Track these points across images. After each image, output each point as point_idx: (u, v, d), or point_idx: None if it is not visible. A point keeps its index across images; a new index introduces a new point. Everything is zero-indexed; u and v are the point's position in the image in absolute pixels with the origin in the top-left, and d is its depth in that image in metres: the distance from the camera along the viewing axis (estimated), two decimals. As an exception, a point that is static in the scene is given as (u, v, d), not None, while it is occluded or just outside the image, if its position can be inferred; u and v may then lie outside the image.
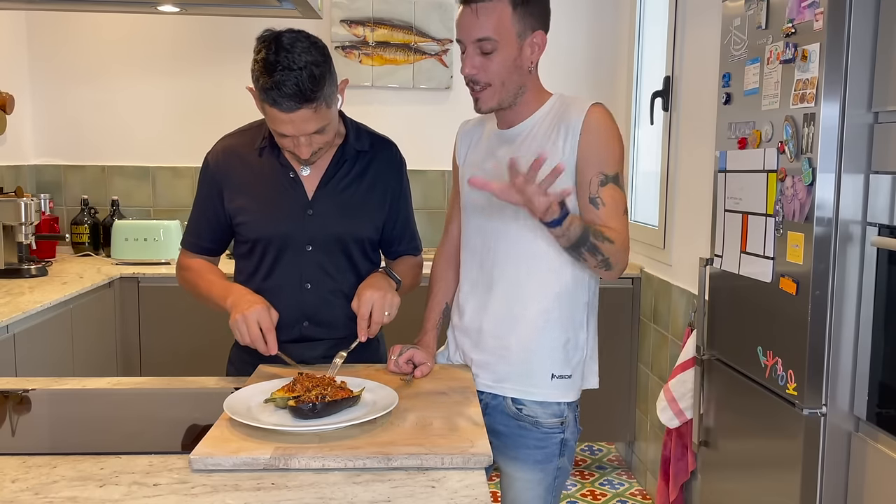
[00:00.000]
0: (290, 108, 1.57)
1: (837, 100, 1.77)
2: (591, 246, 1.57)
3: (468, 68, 1.64)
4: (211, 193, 1.82)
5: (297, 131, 1.62)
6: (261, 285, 1.80)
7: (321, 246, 1.79)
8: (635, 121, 3.71)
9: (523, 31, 1.62)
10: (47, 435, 1.49)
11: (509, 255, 1.69)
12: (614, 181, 1.63)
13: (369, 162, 1.83)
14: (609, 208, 1.62)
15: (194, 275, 1.84)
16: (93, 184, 3.94)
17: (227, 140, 1.85)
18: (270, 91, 1.56)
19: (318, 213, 1.78)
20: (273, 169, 1.78)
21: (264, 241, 1.79)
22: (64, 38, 3.87)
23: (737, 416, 2.24)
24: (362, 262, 1.85)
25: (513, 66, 1.63)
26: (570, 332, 1.70)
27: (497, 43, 1.60)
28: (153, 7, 2.97)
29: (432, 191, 4.00)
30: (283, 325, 1.71)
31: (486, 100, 1.66)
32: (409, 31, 3.87)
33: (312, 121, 1.61)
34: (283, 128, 1.61)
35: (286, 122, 1.60)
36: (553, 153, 1.62)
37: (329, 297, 1.81)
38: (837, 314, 1.81)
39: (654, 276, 3.30)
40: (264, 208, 1.78)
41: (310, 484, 1.19)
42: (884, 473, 1.71)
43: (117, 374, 3.25)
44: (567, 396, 1.71)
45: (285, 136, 1.64)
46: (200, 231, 1.87)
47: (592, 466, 3.73)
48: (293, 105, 1.57)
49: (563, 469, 1.74)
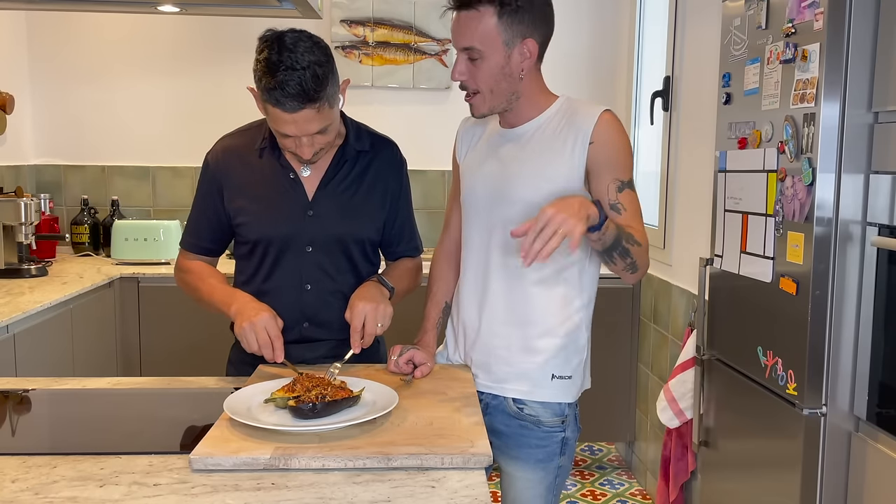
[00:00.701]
0: (293, 109, 1.56)
1: (837, 100, 1.77)
2: (623, 250, 1.58)
3: (456, 74, 1.65)
4: (211, 192, 1.82)
5: (299, 131, 1.61)
6: (261, 286, 1.80)
7: (321, 247, 1.79)
8: (635, 121, 3.71)
9: (511, 40, 1.61)
10: (47, 435, 1.49)
11: (509, 256, 1.69)
12: (629, 186, 1.65)
13: (369, 162, 1.83)
14: (630, 213, 1.64)
15: (194, 277, 1.83)
16: (93, 184, 3.94)
17: (227, 140, 1.84)
18: (273, 91, 1.55)
19: (318, 214, 1.78)
20: (273, 170, 1.78)
21: (265, 242, 1.79)
22: (64, 38, 3.87)
23: (737, 416, 2.24)
24: (362, 262, 1.85)
25: (500, 74, 1.62)
26: (570, 334, 1.70)
27: (481, 52, 1.60)
28: (153, 7, 2.97)
29: (432, 191, 4.00)
30: (284, 327, 1.70)
31: (478, 105, 1.67)
32: (409, 31, 3.88)
33: (315, 121, 1.60)
34: (285, 128, 1.61)
35: (289, 123, 1.59)
36: (561, 153, 1.63)
37: (329, 299, 1.81)
38: (837, 314, 1.81)
39: (654, 276, 3.30)
40: (264, 209, 1.78)
41: (310, 484, 1.19)
42: (884, 473, 1.71)
43: (117, 374, 3.25)
44: (567, 397, 1.71)
45: (287, 136, 1.63)
46: (200, 231, 1.86)
47: (592, 466, 3.73)
48: (296, 105, 1.56)
49: (564, 468, 1.74)
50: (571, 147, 1.62)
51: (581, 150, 1.62)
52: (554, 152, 1.64)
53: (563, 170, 1.63)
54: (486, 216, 1.73)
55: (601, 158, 1.63)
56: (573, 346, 1.71)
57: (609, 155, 1.63)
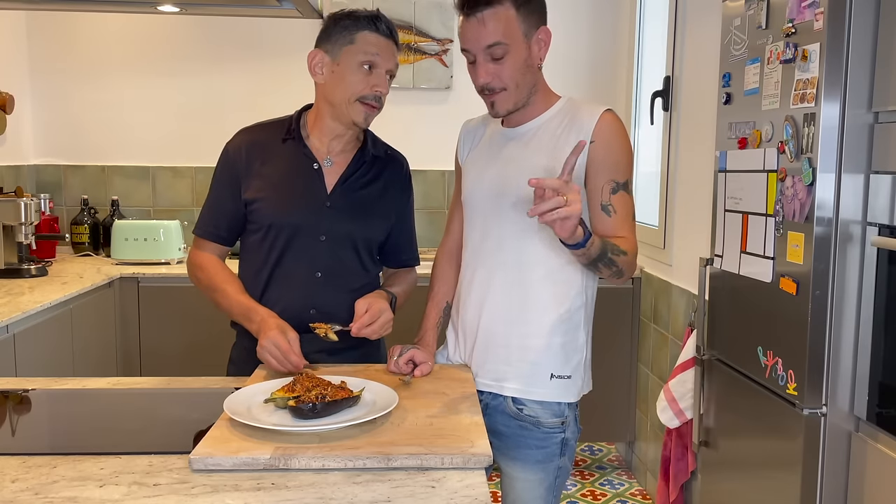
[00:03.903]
0: (387, 35, 1.77)
1: (837, 100, 1.77)
2: (608, 261, 1.59)
3: (482, 77, 1.64)
4: (230, 181, 1.86)
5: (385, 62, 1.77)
6: (273, 272, 1.84)
7: (334, 238, 1.84)
8: (635, 121, 3.71)
9: (528, 30, 1.63)
10: (47, 435, 1.49)
11: (510, 255, 1.69)
12: (624, 188, 1.65)
13: (383, 169, 1.91)
14: (620, 216, 1.64)
15: (209, 279, 1.86)
16: (93, 184, 3.94)
17: (248, 131, 1.90)
18: (376, 19, 1.76)
19: (334, 207, 1.84)
20: (297, 158, 1.84)
21: (278, 227, 1.83)
22: (64, 38, 3.87)
23: (737, 416, 2.24)
24: (368, 261, 1.91)
25: (524, 67, 1.64)
26: (569, 333, 1.70)
27: (507, 47, 1.60)
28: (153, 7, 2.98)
29: (432, 191, 4.00)
30: (291, 314, 1.76)
31: (503, 102, 1.66)
32: (409, 31, 3.87)
33: (394, 59, 1.80)
34: (379, 51, 1.76)
35: (382, 48, 1.76)
36: (562, 152, 1.62)
37: (338, 290, 1.85)
38: (837, 314, 1.81)
39: (654, 276, 3.30)
40: (284, 195, 1.83)
41: (310, 484, 1.19)
42: (884, 473, 1.71)
43: (117, 374, 3.25)
44: (566, 397, 1.71)
45: (373, 66, 1.76)
46: (217, 219, 1.89)
47: (592, 466, 3.73)
48: (390, 33, 1.78)
49: (564, 469, 1.74)
50: (572, 146, 1.62)
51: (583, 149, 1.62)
52: (554, 151, 1.64)
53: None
54: (487, 215, 1.73)
55: (599, 158, 1.63)
56: (572, 346, 1.71)
57: (607, 155, 1.63)
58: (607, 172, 1.63)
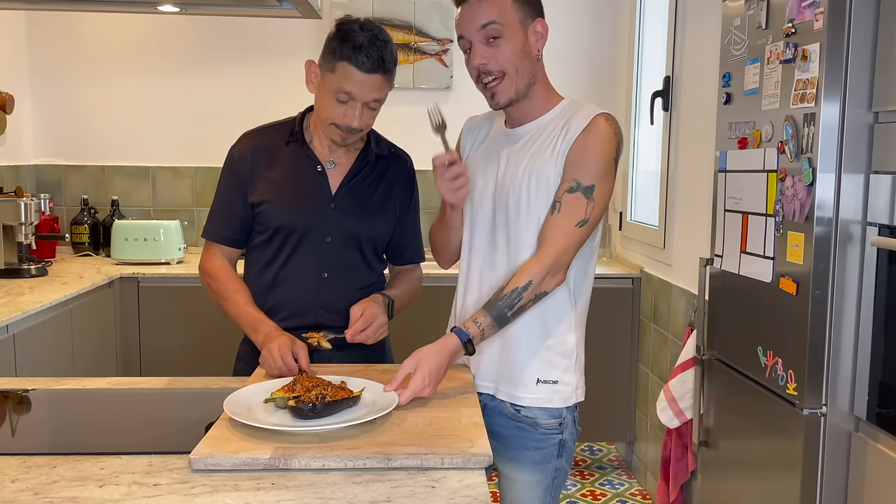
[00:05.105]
0: (369, 70, 1.69)
1: (837, 100, 1.77)
2: (516, 312, 1.59)
3: (477, 58, 1.62)
4: (237, 183, 1.87)
5: (363, 95, 1.72)
6: (279, 274, 1.86)
7: (340, 239, 1.86)
8: (635, 121, 3.71)
9: (525, 19, 1.63)
10: (47, 435, 1.49)
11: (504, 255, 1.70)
12: (585, 192, 1.60)
13: (387, 168, 1.92)
14: (562, 216, 1.60)
15: (220, 287, 1.87)
16: (93, 184, 3.94)
17: (253, 134, 1.91)
18: (358, 50, 1.68)
19: (339, 208, 1.85)
20: (301, 161, 1.85)
21: (286, 230, 1.84)
22: (64, 38, 3.87)
23: (737, 416, 2.24)
24: (373, 260, 1.93)
25: (522, 52, 1.63)
26: (555, 337, 1.68)
27: (502, 28, 1.60)
28: (153, 7, 2.97)
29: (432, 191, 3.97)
30: (300, 314, 1.80)
31: (503, 91, 1.64)
32: (409, 31, 3.87)
33: (379, 90, 1.74)
34: (353, 87, 1.71)
35: (358, 84, 1.70)
36: (552, 154, 1.63)
37: (344, 289, 1.86)
38: (837, 314, 1.81)
39: (654, 276, 3.30)
40: (289, 198, 1.84)
41: (310, 484, 1.20)
42: (884, 473, 1.71)
43: (117, 374, 3.26)
44: (555, 402, 1.69)
45: (347, 99, 1.72)
46: (228, 222, 1.90)
47: (592, 466, 3.73)
48: (373, 67, 1.69)
49: (562, 470, 1.73)
50: (561, 148, 1.62)
51: (565, 148, 1.62)
52: (546, 153, 1.64)
53: (552, 170, 1.63)
54: (487, 215, 1.73)
55: (573, 155, 1.62)
56: (559, 349, 1.69)
57: (579, 154, 1.61)
58: (574, 171, 1.61)
